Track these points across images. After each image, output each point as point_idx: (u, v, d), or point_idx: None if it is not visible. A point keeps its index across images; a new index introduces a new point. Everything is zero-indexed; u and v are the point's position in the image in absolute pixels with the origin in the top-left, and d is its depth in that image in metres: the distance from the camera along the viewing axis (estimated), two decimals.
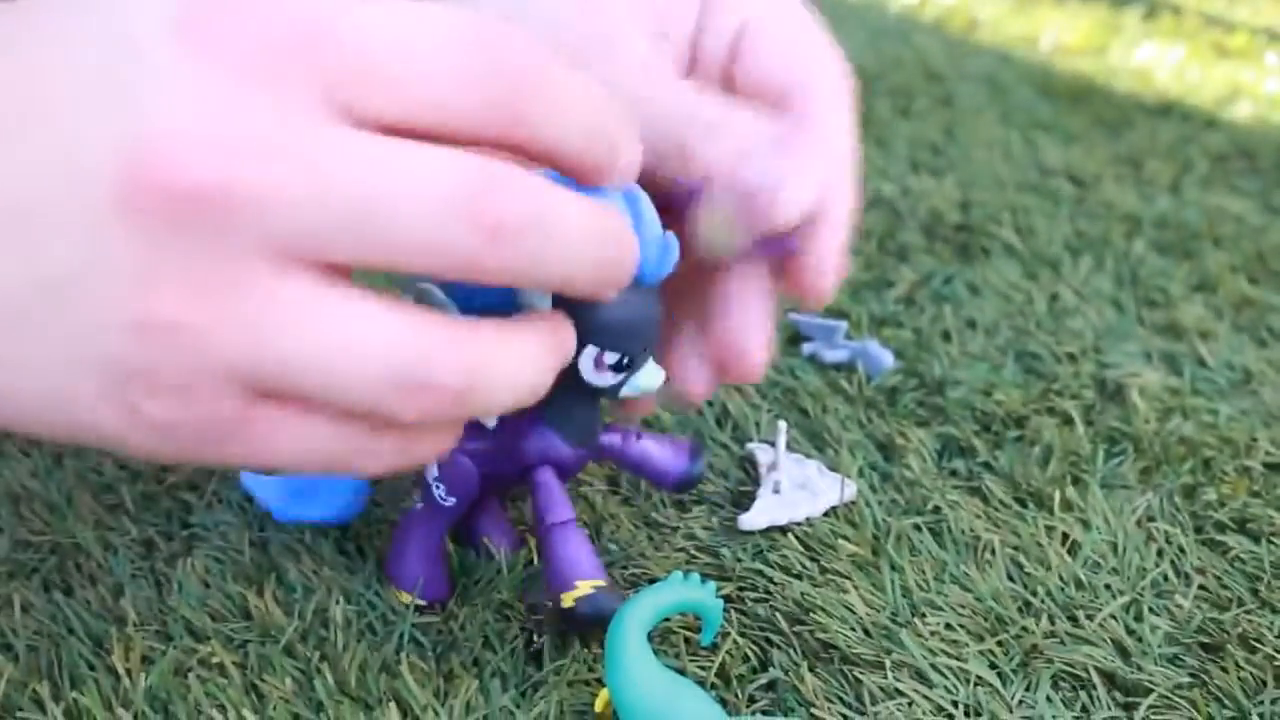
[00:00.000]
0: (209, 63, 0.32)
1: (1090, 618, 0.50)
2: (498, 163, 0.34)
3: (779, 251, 0.45)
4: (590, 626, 0.46)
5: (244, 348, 0.33)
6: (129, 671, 0.46)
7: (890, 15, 1.28)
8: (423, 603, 0.49)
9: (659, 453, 0.51)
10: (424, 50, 0.34)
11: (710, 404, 0.62)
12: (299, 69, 0.33)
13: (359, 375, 0.34)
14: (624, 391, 0.45)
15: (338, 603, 0.49)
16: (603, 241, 0.37)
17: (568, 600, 0.46)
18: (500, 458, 0.48)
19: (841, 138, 0.46)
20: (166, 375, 0.33)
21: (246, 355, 0.33)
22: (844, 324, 0.67)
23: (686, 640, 0.48)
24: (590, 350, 0.43)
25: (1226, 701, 0.47)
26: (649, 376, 0.45)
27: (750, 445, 0.59)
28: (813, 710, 0.46)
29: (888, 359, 0.65)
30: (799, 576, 0.52)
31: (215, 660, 0.47)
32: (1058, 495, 0.56)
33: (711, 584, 0.46)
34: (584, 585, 0.46)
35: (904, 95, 1.02)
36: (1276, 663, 0.48)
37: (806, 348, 0.67)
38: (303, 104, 0.33)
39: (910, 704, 0.46)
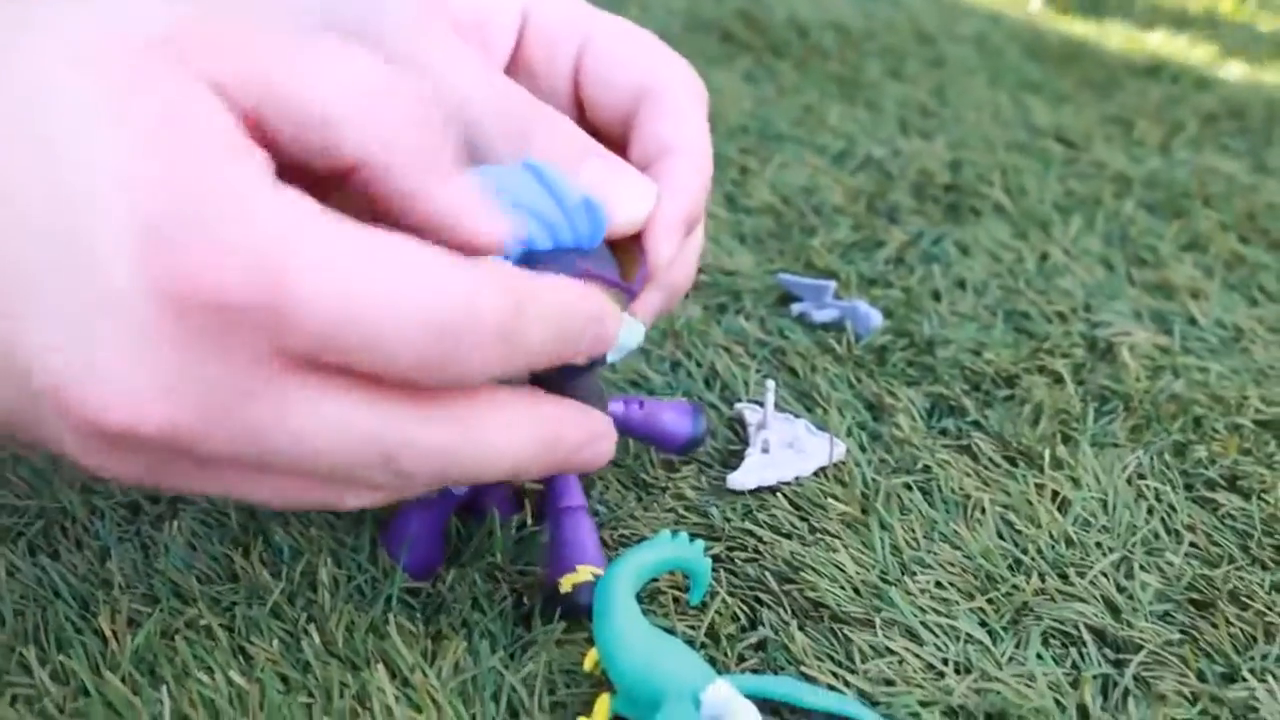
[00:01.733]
0: (167, 305, 0.32)
1: (1081, 575, 0.50)
2: (415, 428, 0.35)
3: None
4: (585, 613, 0.46)
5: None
6: (116, 634, 0.46)
7: None
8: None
9: (663, 417, 0.52)
10: (386, 330, 0.33)
11: (699, 364, 0.62)
12: (252, 330, 0.32)
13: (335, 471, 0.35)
14: (610, 355, 0.44)
15: (325, 564, 0.49)
16: (536, 452, 0.38)
17: (566, 584, 0.46)
18: None
19: (698, 140, 0.46)
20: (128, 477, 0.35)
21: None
22: (833, 283, 0.66)
23: (675, 600, 0.48)
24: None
25: (1217, 657, 0.47)
26: (630, 334, 0.44)
27: (739, 405, 0.59)
28: (802, 668, 0.46)
29: (877, 318, 0.65)
30: (788, 536, 0.51)
31: (202, 623, 0.47)
32: (1048, 453, 0.56)
33: (700, 543, 0.46)
34: (584, 570, 0.46)
35: (894, 57, 1.02)
36: (1267, 619, 0.48)
37: (795, 307, 0.66)
38: (251, 359, 0.33)
39: (900, 661, 0.46)
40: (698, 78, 0.47)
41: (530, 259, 0.40)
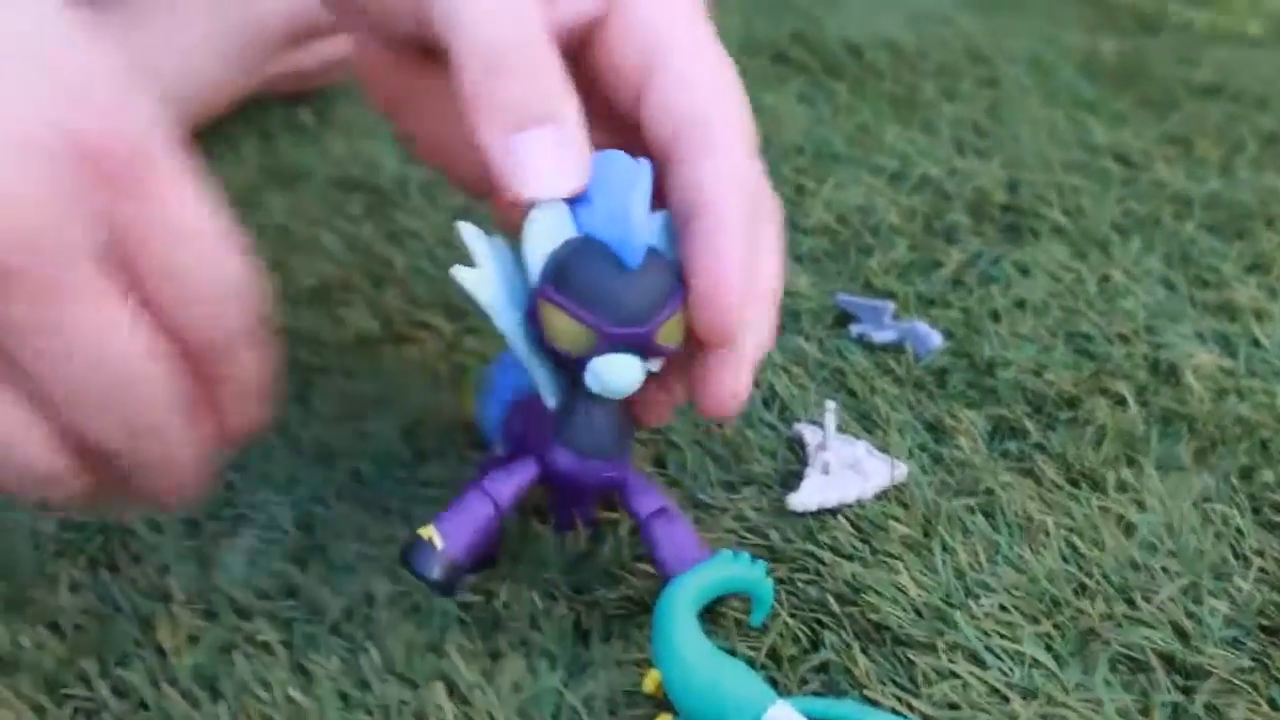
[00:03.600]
0: None
1: (1148, 600, 0.49)
2: None
3: None
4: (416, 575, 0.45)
5: None
6: (175, 649, 0.46)
7: None
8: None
9: (675, 544, 0.48)
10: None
11: (757, 385, 0.61)
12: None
13: None
14: (598, 387, 0.45)
15: (382, 581, 0.49)
16: None
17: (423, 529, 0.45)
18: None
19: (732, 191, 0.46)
20: None
21: None
22: (891, 304, 0.66)
23: (737, 622, 0.48)
24: (600, 358, 0.43)
25: None
26: (611, 370, 0.44)
27: (798, 425, 0.58)
28: (865, 692, 0.45)
29: (936, 339, 0.65)
30: (850, 558, 0.51)
31: (260, 638, 0.47)
32: (1112, 476, 0.56)
33: (762, 563, 0.46)
34: (429, 528, 0.45)
35: (948, 76, 1.01)
36: None
37: (854, 328, 0.66)
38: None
39: (964, 685, 0.45)
40: (746, 114, 0.48)
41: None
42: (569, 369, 0.45)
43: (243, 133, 0.84)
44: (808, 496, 0.53)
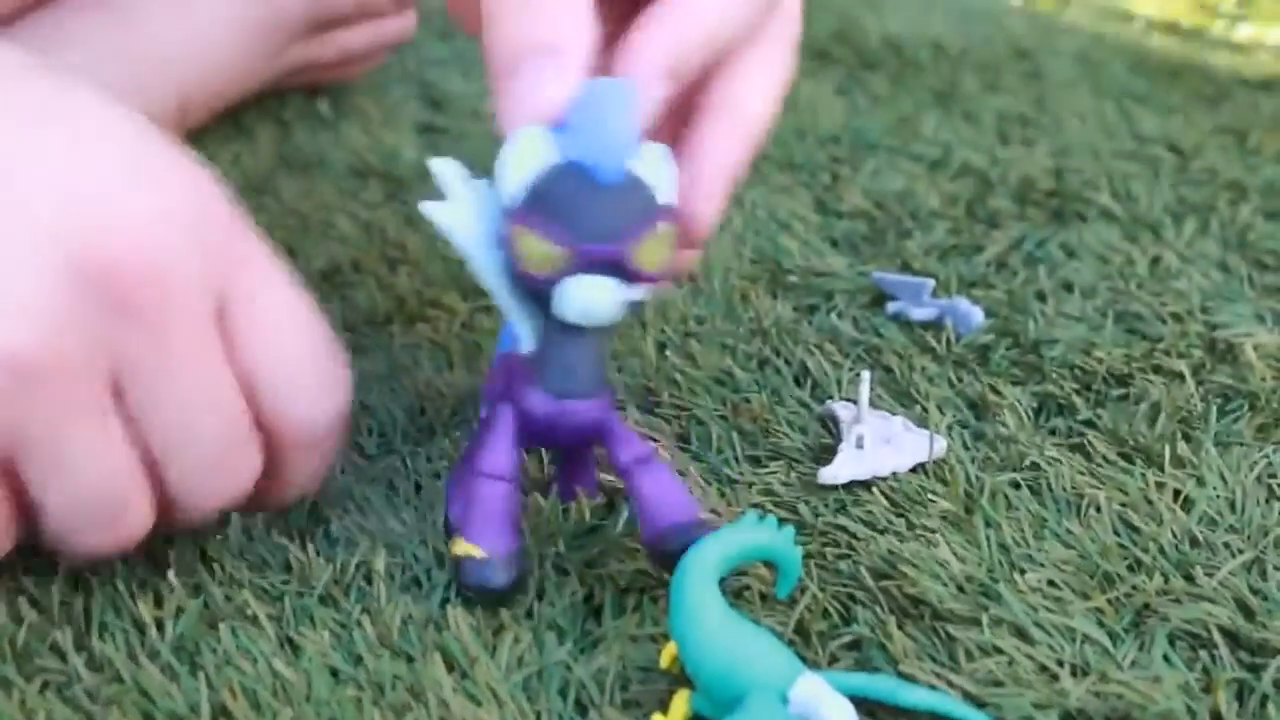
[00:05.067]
0: None
1: (1209, 575, 0.45)
2: None
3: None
4: (472, 591, 0.43)
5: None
6: (158, 621, 0.43)
7: None
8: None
9: (658, 495, 0.44)
10: None
11: (788, 362, 0.58)
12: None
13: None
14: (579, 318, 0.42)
15: (381, 555, 0.45)
16: None
17: (456, 549, 0.43)
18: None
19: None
20: None
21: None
22: (931, 281, 0.62)
23: (762, 596, 0.44)
24: (572, 279, 0.40)
25: None
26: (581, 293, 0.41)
27: (830, 402, 0.55)
28: (901, 668, 0.41)
29: (978, 316, 0.61)
30: (884, 532, 0.47)
31: (249, 611, 0.43)
32: (1168, 451, 0.52)
33: (790, 529, 0.42)
34: (460, 543, 0.43)
35: (991, 71, 0.98)
36: None
37: (891, 306, 0.62)
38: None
39: (1011, 662, 0.41)
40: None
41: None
42: (543, 300, 0.41)
43: (259, 121, 0.82)
44: (839, 469, 0.49)
